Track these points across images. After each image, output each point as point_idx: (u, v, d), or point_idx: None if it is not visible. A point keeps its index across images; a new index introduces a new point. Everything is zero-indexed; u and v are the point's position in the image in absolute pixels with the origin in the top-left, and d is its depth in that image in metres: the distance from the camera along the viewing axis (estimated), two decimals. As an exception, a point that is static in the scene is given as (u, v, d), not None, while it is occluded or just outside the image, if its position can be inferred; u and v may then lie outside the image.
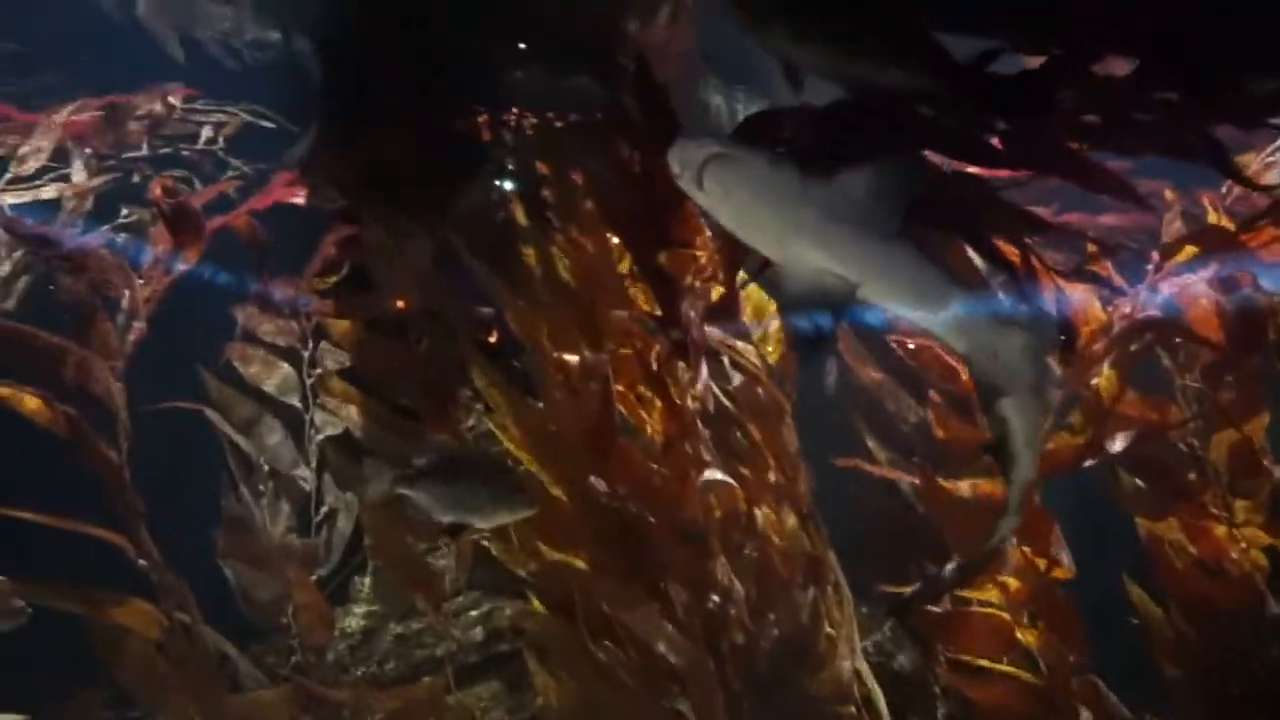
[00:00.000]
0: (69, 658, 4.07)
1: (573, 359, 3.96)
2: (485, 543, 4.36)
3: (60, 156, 4.58)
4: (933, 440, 4.38)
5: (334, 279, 4.74)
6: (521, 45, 4.55)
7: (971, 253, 3.07)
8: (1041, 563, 3.70)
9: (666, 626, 3.89)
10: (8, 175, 4.56)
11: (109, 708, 4.36)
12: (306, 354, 4.82)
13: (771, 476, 4.05)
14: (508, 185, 4.57)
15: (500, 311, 4.21)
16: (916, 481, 4.13)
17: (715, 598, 4.02)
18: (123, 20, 4.84)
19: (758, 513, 4.12)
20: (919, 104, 2.73)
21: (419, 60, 4.72)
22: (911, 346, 4.41)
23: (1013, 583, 3.71)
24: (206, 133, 4.87)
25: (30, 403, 4.01)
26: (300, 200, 4.61)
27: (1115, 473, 4.13)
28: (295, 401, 4.79)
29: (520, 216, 4.20)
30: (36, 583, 4.03)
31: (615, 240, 3.87)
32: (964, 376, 4.22)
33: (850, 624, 4.14)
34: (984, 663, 3.80)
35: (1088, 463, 3.78)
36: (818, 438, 4.25)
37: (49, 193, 4.50)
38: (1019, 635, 3.78)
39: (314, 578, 4.62)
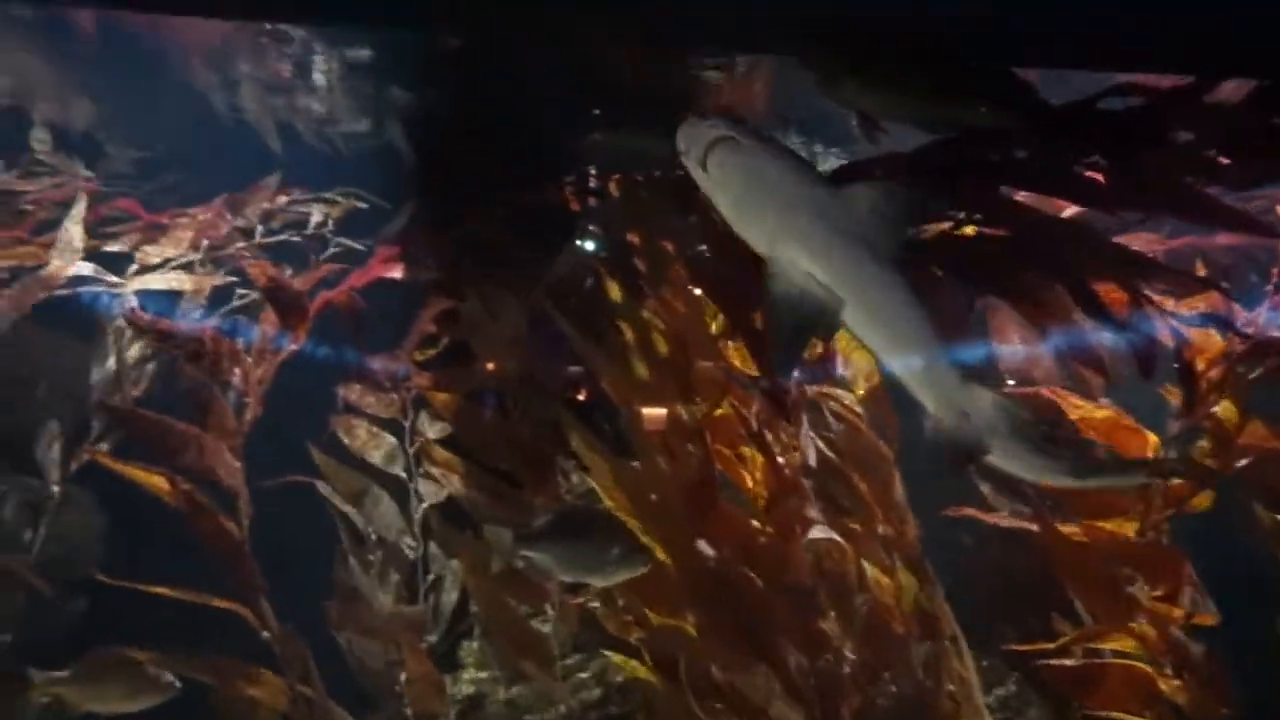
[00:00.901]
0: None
1: (666, 419, 3.90)
2: (590, 605, 4.31)
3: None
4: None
5: (432, 351, 4.79)
6: (598, 110, 4.58)
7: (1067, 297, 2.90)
8: (1179, 610, 3.44)
9: (778, 688, 3.73)
10: (134, 268, 4.75)
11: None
12: (407, 424, 4.85)
13: (880, 528, 3.88)
14: (596, 250, 4.58)
15: (594, 375, 4.17)
16: (1033, 527, 3.90)
17: (827, 657, 3.85)
18: (228, 119, 5.05)
19: (867, 567, 3.96)
20: (1005, 144, 2.63)
21: (504, 136, 4.82)
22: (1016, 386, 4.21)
23: (1150, 631, 3.44)
24: (315, 218, 5.00)
25: (157, 482, 4.13)
26: (398, 275, 4.68)
27: (1249, 507, 3.84)
28: (399, 471, 4.81)
29: (610, 281, 4.18)
30: (171, 655, 4.09)
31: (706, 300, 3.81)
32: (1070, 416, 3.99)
33: (972, 679, 3.92)
34: (1124, 718, 3.53)
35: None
36: (925, 486, 4.07)
37: (171, 283, 4.67)
38: (1161, 687, 3.50)
39: (424, 645, 4.59)
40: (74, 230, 4.59)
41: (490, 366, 4.42)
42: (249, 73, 4.58)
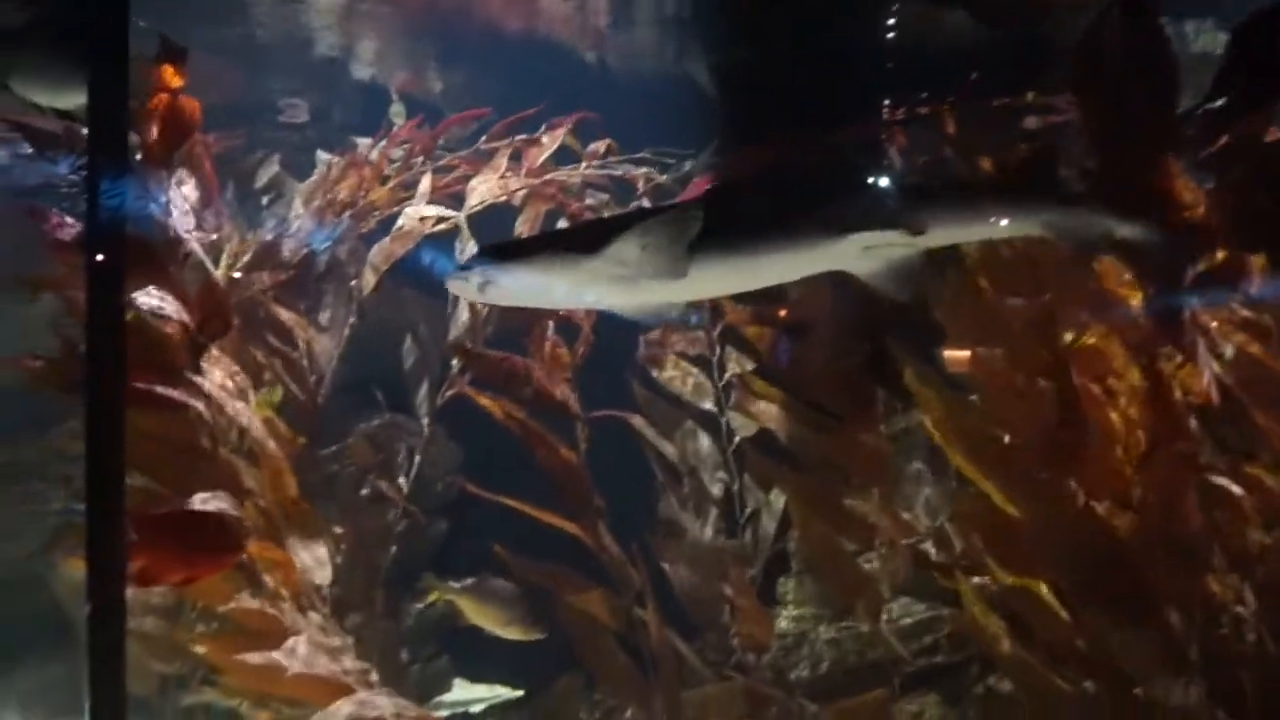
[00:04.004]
0: (555, 647, 4.15)
1: (1015, 351, 3.23)
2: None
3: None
4: None
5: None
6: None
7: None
8: None
9: (1158, 657, 3.00)
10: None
11: (585, 692, 4.38)
12: (715, 359, 4.54)
13: (1287, 475, 2.98)
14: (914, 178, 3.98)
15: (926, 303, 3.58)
16: None
17: (1222, 623, 3.05)
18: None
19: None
20: None
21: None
22: None
23: None
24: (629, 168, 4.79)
25: (505, 413, 4.16)
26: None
27: None
28: (709, 405, 4.52)
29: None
30: (527, 561, 4.17)
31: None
32: None
33: None
34: None
35: None
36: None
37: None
38: None
39: (749, 577, 4.31)
40: (426, 186, 4.68)
41: (805, 296, 3.96)
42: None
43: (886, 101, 4.34)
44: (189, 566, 2.73)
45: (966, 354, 3.47)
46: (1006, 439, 3.13)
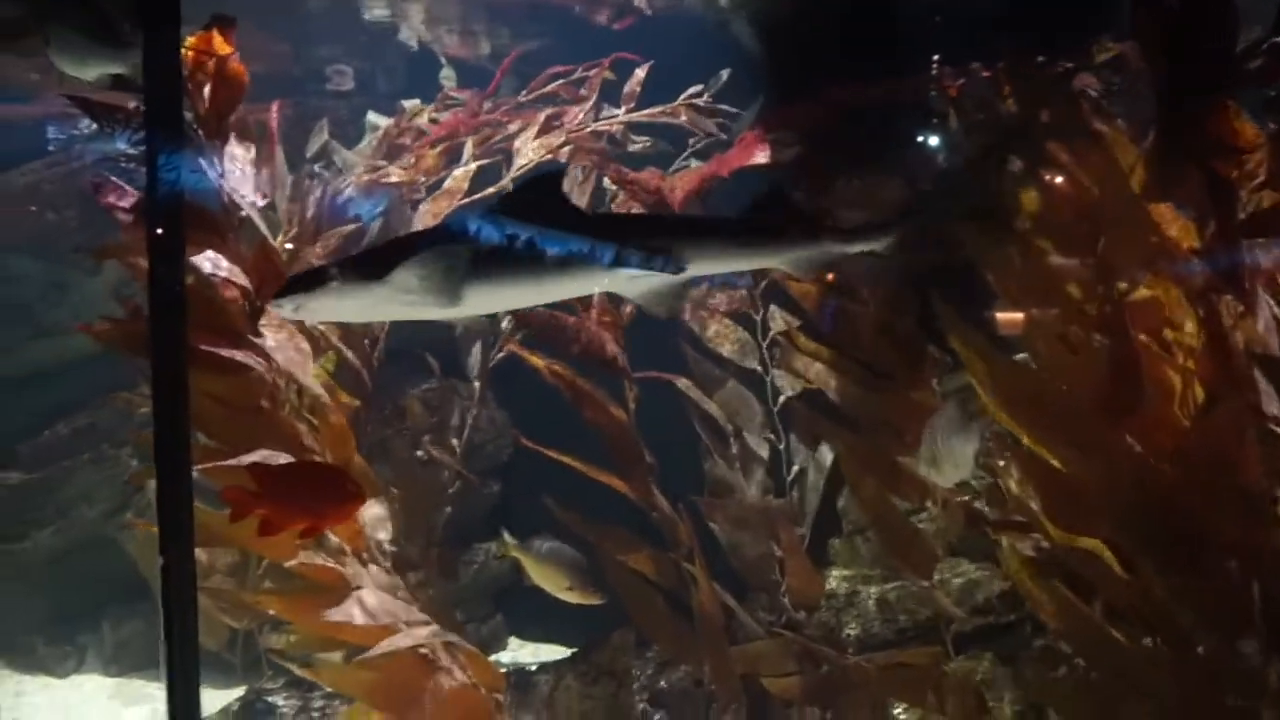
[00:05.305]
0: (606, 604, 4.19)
1: (1066, 306, 3.17)
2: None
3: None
4: None
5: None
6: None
7: None
8: None
9: (1223, 616, 2.95)
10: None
11: (638, 648, 4.46)
12: (759, 317, 4.51)
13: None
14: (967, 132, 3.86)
15: (974, 261, 3.52)
16: None
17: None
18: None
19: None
20: None
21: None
22: None
23: None
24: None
25: (550, 366, 4.23)
26: (760, 160, 4.27)
27: None
28: (754, 364, 4.52)
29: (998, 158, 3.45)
30: (578, 517, 4.23)
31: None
32: None
33: None
34: None
35: None
36: None
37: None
38: None
39: (798, 536, 4.33)
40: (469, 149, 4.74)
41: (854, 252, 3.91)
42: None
43: (936, 57, 4.23)
44: (313, 516, 2.75)
45: (1017, 315, 3.42)
46: (1059, 397, 3.07)
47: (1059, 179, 3.30)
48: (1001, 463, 3.54)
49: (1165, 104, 2.86)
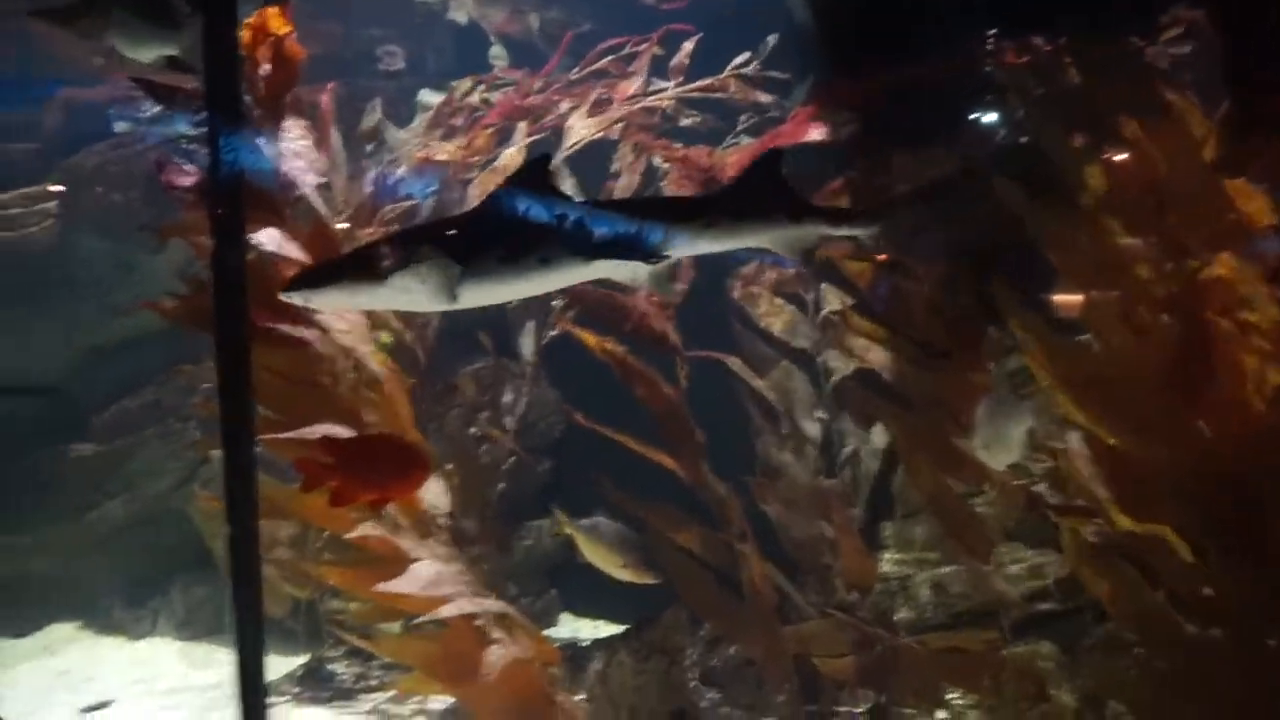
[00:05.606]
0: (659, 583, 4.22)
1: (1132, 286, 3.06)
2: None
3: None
4: None
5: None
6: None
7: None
8: None
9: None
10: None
11: (691, 625, 4.47)
12: (810, 296, 4.45)
13: None
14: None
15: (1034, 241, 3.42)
16: None
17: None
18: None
19: None
20: None
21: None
22: None
23: None
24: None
25: (605, 350, 4.24)
26: (814, 136, 4.19)
27: None
28: (803, 343, 4.46)
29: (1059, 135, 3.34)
30: (629, 496, 4.24)
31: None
32: None
33: None
34: None
35: None
36: None
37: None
38: None
39: (850, 518, 4.29)
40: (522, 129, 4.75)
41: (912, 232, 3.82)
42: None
43: (995, 30, 4.09)
44: (382, 487, 2.81)
45: (1076, 295, 3.32)
46: (1125, 380, 2.97)
47: (1125, 154, 3.18)
48: (1062, 446, 3.46)
49: (1237, 74, 2.73)
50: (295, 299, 2.74)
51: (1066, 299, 3.46)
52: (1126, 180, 3.15)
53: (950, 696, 3.96)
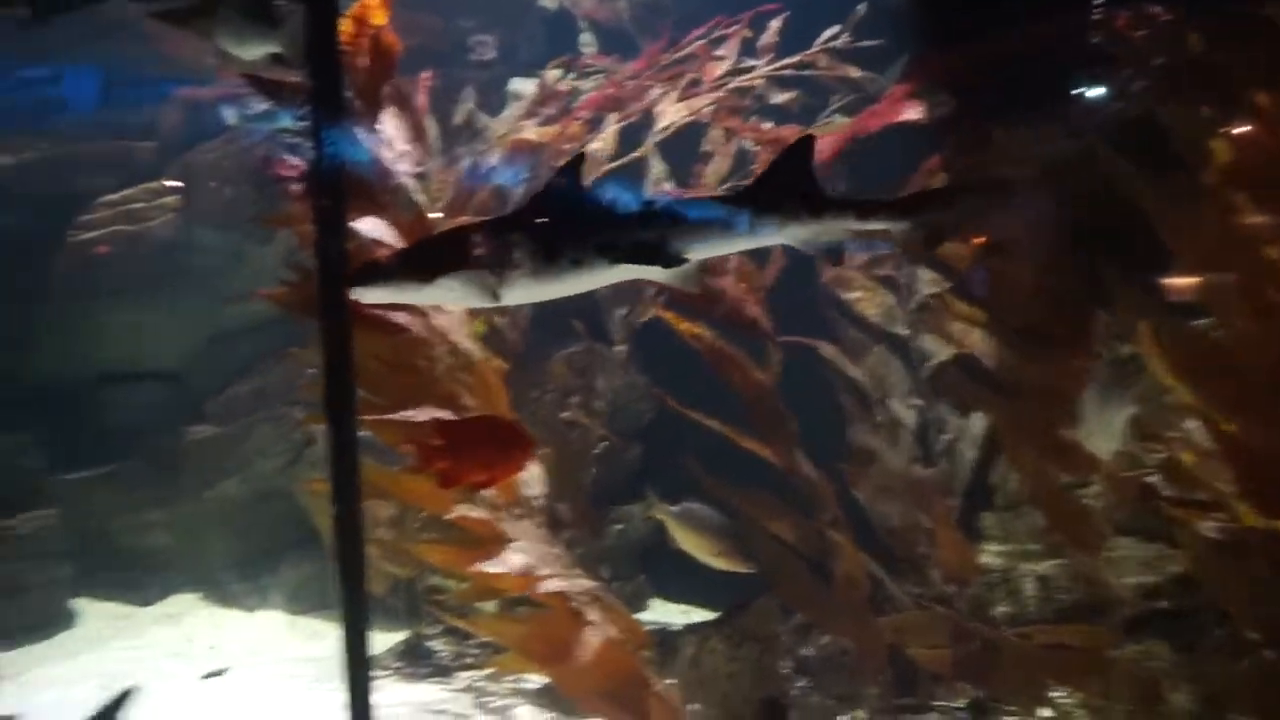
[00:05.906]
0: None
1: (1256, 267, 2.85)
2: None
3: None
4: None
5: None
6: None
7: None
8: None
9: None
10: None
11: (782, 613, 4.44)
12: (903, 279, 4.32)
13: None
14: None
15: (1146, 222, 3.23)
16: None
17: None
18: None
19: None
20: None
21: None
22: None
23: None
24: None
25: (696, 334, 4.22)
26: (908, 116, 4.06)
27: None
28: (899, 329, 4.34)
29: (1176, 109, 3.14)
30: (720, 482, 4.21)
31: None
32: None
33: None
34: None
35: None
36: None
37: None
38: None
39: (948, 508, 4.16)
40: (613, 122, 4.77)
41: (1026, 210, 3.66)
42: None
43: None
44: (488, 468, 2.87)
45: (1193, 278, 3.12)
46: (1251, 367, 2.78)
47: (1252, 126, 2.97)
48: (1178, 436, 3.27)
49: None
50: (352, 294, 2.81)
51: (1180, 281, 3.26)
52: (1253, 154, 2.94)
53: (1055, 695, 3.81)
